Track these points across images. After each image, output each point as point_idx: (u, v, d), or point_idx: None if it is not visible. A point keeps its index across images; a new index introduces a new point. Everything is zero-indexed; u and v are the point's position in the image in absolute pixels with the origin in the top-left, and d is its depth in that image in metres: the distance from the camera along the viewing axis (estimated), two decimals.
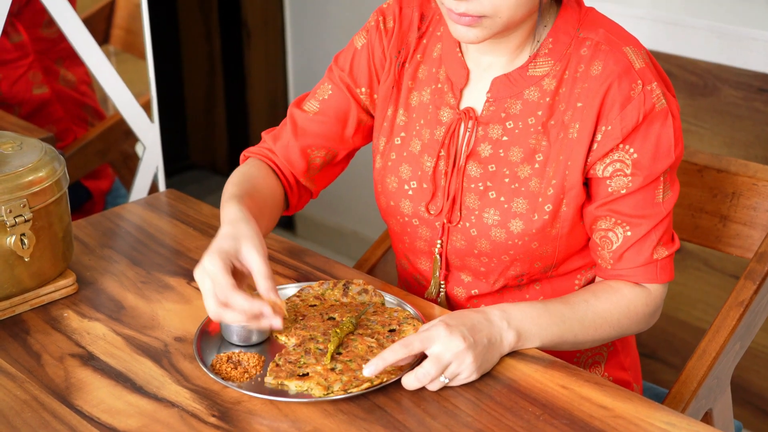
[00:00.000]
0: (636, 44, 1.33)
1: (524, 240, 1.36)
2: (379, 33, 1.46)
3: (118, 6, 2.53)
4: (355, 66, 1.48)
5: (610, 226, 1.34)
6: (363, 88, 1.48)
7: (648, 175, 1.31)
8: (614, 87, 1.29)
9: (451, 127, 1.39)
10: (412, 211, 1.43)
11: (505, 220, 1.35)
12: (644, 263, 1.34)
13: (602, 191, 1.33)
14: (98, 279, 1.50)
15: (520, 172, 1.35)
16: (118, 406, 1.20)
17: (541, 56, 1.34)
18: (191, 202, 1.75)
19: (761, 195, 1.54)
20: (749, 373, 2.32)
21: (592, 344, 1.36)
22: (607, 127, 1.30)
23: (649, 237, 1.33)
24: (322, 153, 1.51)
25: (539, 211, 1.34)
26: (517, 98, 1.35)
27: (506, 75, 1.36)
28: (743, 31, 2.13)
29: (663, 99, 1.30)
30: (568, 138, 1.32)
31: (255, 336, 1.30)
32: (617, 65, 1.30)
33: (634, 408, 1.18)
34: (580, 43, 1.33)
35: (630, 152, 1.30)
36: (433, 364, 1.19)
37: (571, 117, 1.32)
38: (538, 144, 1.34)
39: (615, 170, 1.31)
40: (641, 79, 1.29)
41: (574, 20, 1.34)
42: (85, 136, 2.43)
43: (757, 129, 2.19)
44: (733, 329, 1.46)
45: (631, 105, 1.29)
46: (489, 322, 1.25)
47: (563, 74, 1.33)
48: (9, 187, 1.35)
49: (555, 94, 1.33)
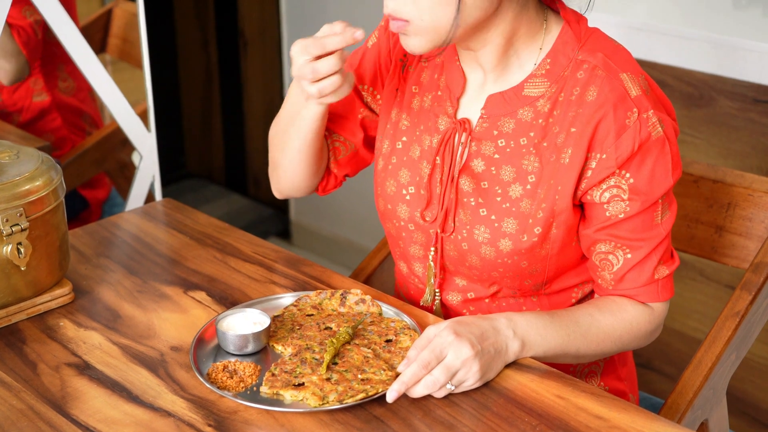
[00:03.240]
0: (634, 70, 1.31)
1: (513, 259, 1.36)
2: (387, 34, 1.48)
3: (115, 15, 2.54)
4: (363, 63, 1.50)
5: (610, 249, 1.34)
6: (367, 85, 1.50)
7: (646, 200, 1.30)
8: (609, 115, 1.28)
9: (446, 136, 1.39)
10: (408, 216, 1.43)
11: (494, 239, 1.35)
12: (645, 283, 1.34)
13: (600, 216, 1.33)
14: (94, 288, 1.50)
15: (511, 192, 1.35)
16: (114, 415, 1.20)
17: (538, 76, 1.34)
18: (188, 211, 1.75)
19: (757, 206, 1.54)
20: (745, 384, 2.32)
21: (592, 358, 1.37)
22: (601, 155, 1.29)
23: (649, 258, 1.33)
24: (341, 138, 1.54)
25: (528, 232, 1.34)
26: (510, 117, 1.35)
27: (501, 93, 1.35)
28: (739, 42, 2.14)
29: (659, 126, 1.29)
30: (560, 162, 1.32)
31: (251, 345, 1.30)
32: (613, 93, 1.28)
33: (630, 418, 1.18)
34: (578, 65, 1.32)
35: (627, 177, 1.30)
36: (443, 372, 1.19)
37: (564, 141, 1.31)
38: (530, 164, 1.33)
39: (612, 196, 1.31)
40: (637, 107, 1.28)
41: (573, 41, 1.33)
42: (81, 144, 2.43)
43: (752, 140, 2.19)
44: (728, 340, 1.46)
45: (626, 134, 1.28)
46: (496, 331, 1.25)
47: (558, 96, 1.32)
48: (5, 196, 1.35)
49: (549, 115, 1.33)
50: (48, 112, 2.38)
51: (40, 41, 2.26)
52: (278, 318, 1.38)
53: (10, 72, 2.27)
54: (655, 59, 2.26)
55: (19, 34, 2.20)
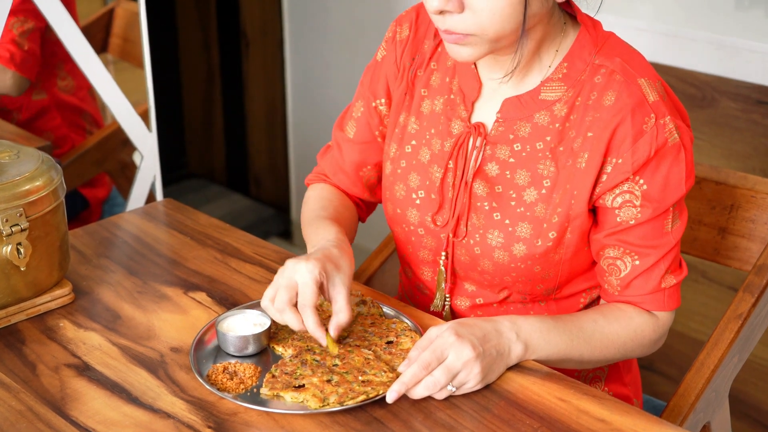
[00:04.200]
0: (651, 76, 1.30)
1: (527, 264, 1.35)
2: (394, 44, 1.47)
3: (116, 15, 2.53)
4: (375, 78, 1.50)
5: (619, 255, 1.33)
6: (382, 99, 1.49)
7: (657, 207, 1.30)
8: (627, 120, 1.27)
9: (460, 140, 1.38)
10: (419, 221, 1.43)
11: (508, 244, 1.35)
12: (652, 291, 1.34)
13: (611, 221, 1.32)
14: (94, 289, 1.50)
15: (526, 196, 1.34)
16: (113, 417, 1.20)
17: (555, 80, 1.33)
18: (189, 211, 1.75)
19: (760, 207, 1.53)
20: (747, 386, 2.31)
21: (595, 364, 1.36)
22: (617, 159, 1.28)
23: (657, 266, 1.33)
24: (375, 171, 1.54)
25: (543, 237, 1.33)
26: (527, 121, 1.34)
27: (518, 97, 1.34)
28: (742, 43, 2.13)
29: (676, 133, 1.28)
30: (576, 167, 1.31)
31: (251, 347, 1.30)
32: (631, 98, 1.27)
33: (632, 421, 1.17)
34: (595, 70, 1.31)
35: (640, 183, 1.29)
36: (443, 373, 1.19)
37: (580, 145, 1.30)
38: (546, 169, 1.33)
39: (624, 201, 1.30)
40: (654, 113, 1.27)
41: (590, 45, 1.32)
42: (82, 144, 2.43)
43: (755, 141, 2.18)
44: (731, 342, 1.45)
45: (643, 139, 1.27)
46: (498, 333, 1.24)
47: (575, 101, 1.31)
48: (5, 196, 1.35)
49: (566, 120, 1.32)
50: (47, 110, 2.38)
51: (33, 50, 2.26)
52: None
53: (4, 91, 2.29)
54: (658, 60, 2.26)
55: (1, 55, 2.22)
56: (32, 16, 2.22)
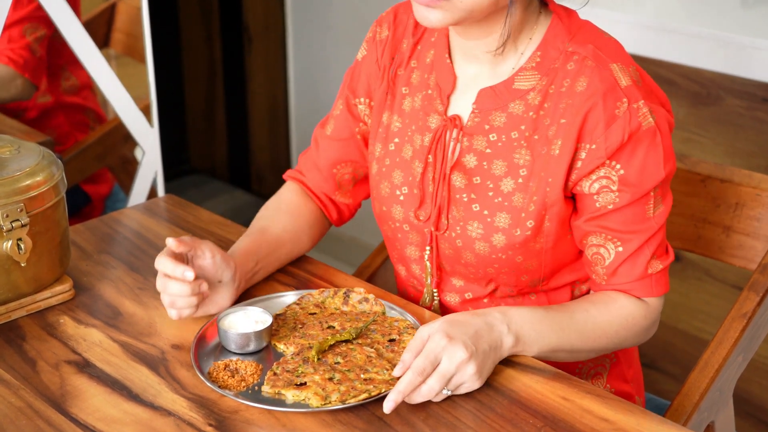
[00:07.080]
0: (625, 61, 1.30)
1: (508, 254, 1.35)
2: (374, 44, 1.49)
3: (118, 10, 2.52)
4: (355, 78, 1.51)
5: (601, 242, 1.33)
6: (362, 98, 1.50)
7: (636, 192, 1.29)
8: (598, 105, 1.27)
9: (437, 133, 1.38)
10: (403, 217, 1.43)
11: (488, 234, 1.34)
12: (639, 278, 1.33)
13: (590, 206, 1.32)
14: (95, 285, 1.49)
15: (503, 186, 1.34)
16: (113, 414, 1.19)
17: (528, 69, 1.33)
18: (190, 207, 1.74)
19: (765, 206, 1.52)
20: (752, 386, 2.31)
21: (588, 355, 1.35)
22: (591, 145, 1.28)
23: (642, 252, 1.32)
24: (349, 169, 1.54)
25: (521, 226, 1.33)
26: (502, 111, 1.34)
27: (492, 87, 1.35)
28: (747, 40, 2.13)
29: (650, 117, 1.27)
30: (551, 155, 1.31)
31: (253, 344, 1.29)
32: (602, 83, 1.27)
33: (636, 421, 1.17)
34: (568, 57, 1.31)
35: (617, 168, 1.29)
36: (437, 380, 1.18)
37: (555, 133, 1.31)
38: (522, 158, 1.33)
39: (601, 186, 1.30)
40: (627, 97, 1.27)
41: (564, 33, 1.32)
42: (84, 140, 2.42)
43: (759, 139, 2.18)
44: (736, 341, 1.44)
45: (616, 124, 1.27)
46: (490, 327, 1.24)
47: (549, 89, 1.32)
48: (6, 191, 1.34)
49: (540, 108, 1.32)
50: (51, 111, 2.38)
51: (43, 56, 2.27)
52: (280, 316, 1.37)
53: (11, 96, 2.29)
54: (663, 57, 2.25)
55: (15, 60, 2.22)
56: (44, 23, 2.23)
